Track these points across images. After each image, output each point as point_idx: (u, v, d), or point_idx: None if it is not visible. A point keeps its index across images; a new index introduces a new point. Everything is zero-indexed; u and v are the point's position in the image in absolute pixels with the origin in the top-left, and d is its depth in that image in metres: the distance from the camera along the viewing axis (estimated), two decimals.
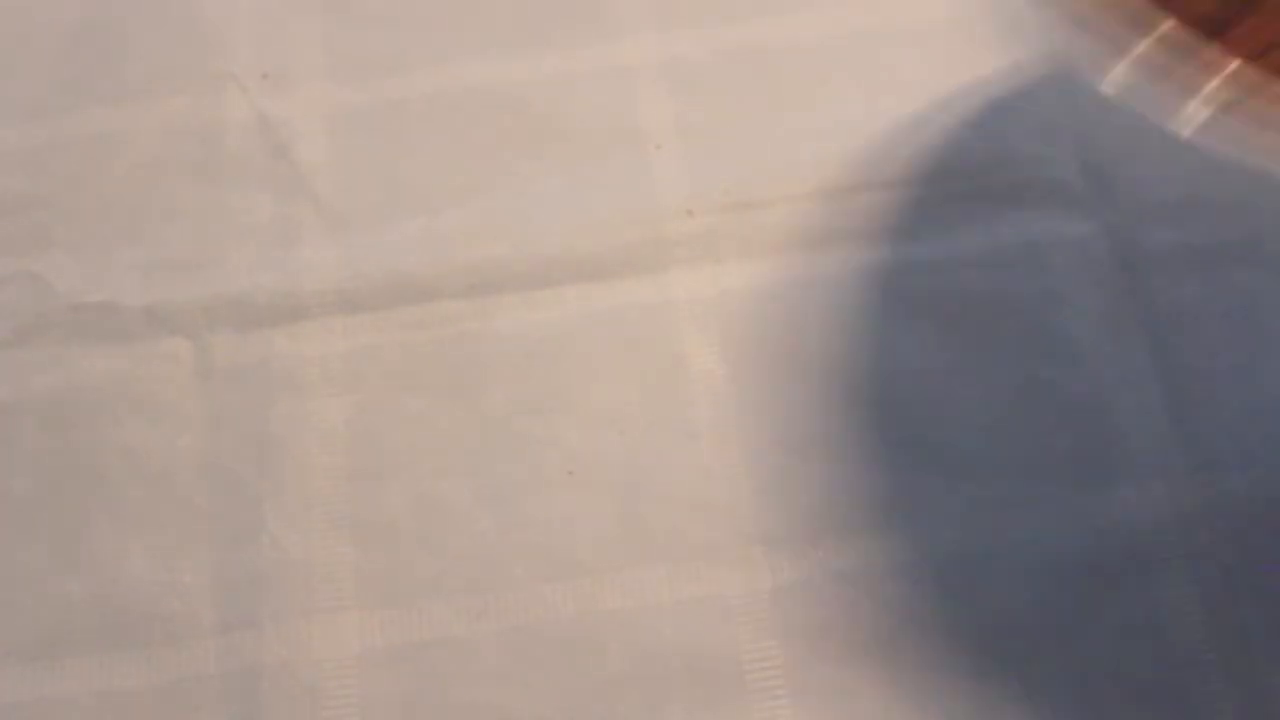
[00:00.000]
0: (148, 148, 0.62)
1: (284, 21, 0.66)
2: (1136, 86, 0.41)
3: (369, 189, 0.61)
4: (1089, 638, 0.47)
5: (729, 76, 0.62)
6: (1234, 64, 0.40)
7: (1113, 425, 0.51)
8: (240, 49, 0.65)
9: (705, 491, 0.51)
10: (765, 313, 0.55)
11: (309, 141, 0.62)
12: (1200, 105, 0.40)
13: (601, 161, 0.59)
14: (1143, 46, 0.40)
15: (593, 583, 0.49)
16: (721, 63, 0.62)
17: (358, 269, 0.58)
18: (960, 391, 0.52)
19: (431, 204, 0.59)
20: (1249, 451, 0.51)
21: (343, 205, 0.60)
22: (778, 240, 0.57)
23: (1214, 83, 0.40)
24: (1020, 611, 0.48)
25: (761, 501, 0.51)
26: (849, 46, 0.62)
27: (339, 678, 0.49)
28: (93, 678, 0.49)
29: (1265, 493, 0.50)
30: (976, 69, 0.60)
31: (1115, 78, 0.41)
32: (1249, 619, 0.48)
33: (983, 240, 0.56)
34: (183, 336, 0.57)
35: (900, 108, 0.59)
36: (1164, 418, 0.51)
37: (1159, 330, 0.53)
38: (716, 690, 0.47)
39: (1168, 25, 0.40)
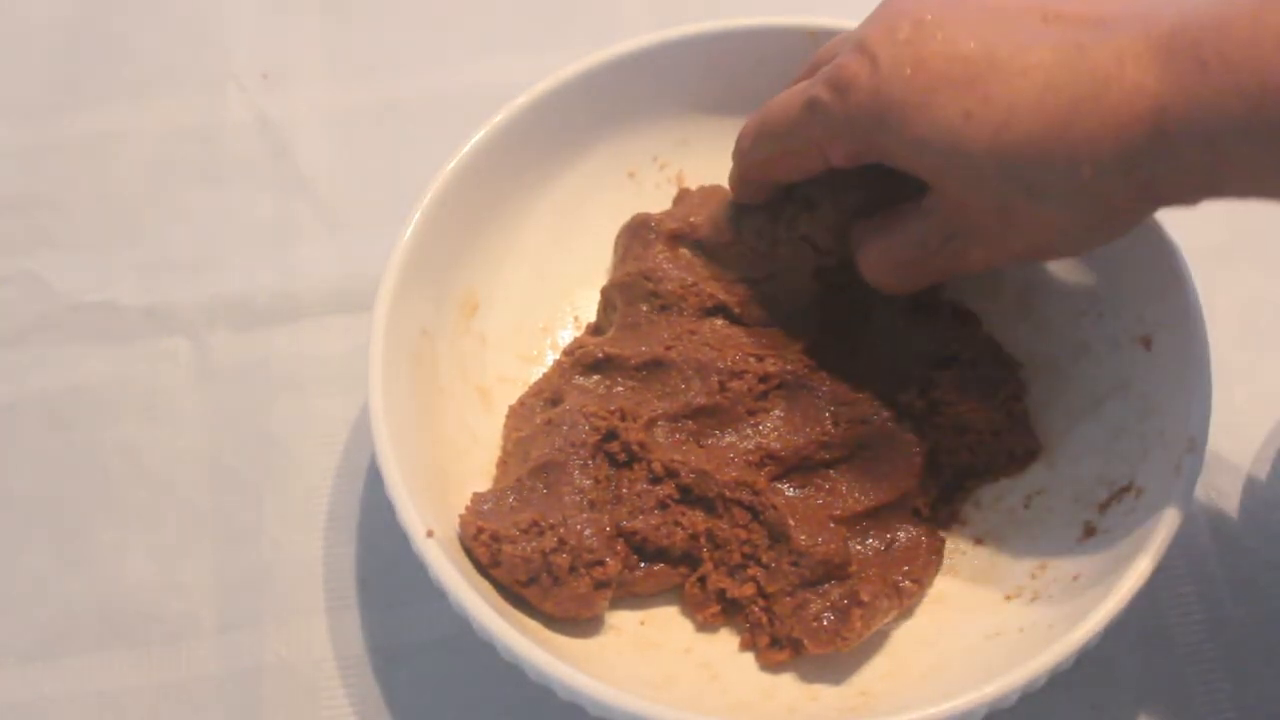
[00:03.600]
0: (148, 148, 0.62)
1: (284, 21, 0.66)
2: None
3: (369, 189, 0.61)
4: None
5: None
6: None
7: None
8: (240, 49, 0.65)
9: None
10: None
11: (309, 141, 0.62)
12: None
13: None
14: None
15: None
16: None
17: (357, 269, 0.58)
18: None
19: None
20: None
21: (343, 205, 0.60)
22: None
23: None
24: None
25: None
26: None
27: (339, 677, 0.48)
28: (93, 678, 0.49)
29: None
30: None
31: None
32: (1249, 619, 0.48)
33: None
34: (183, 336, 0.57)
35: None
36: None
37: None
38: None
39: None
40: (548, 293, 0.54)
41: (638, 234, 0.52)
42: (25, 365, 0.56)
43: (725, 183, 0.55)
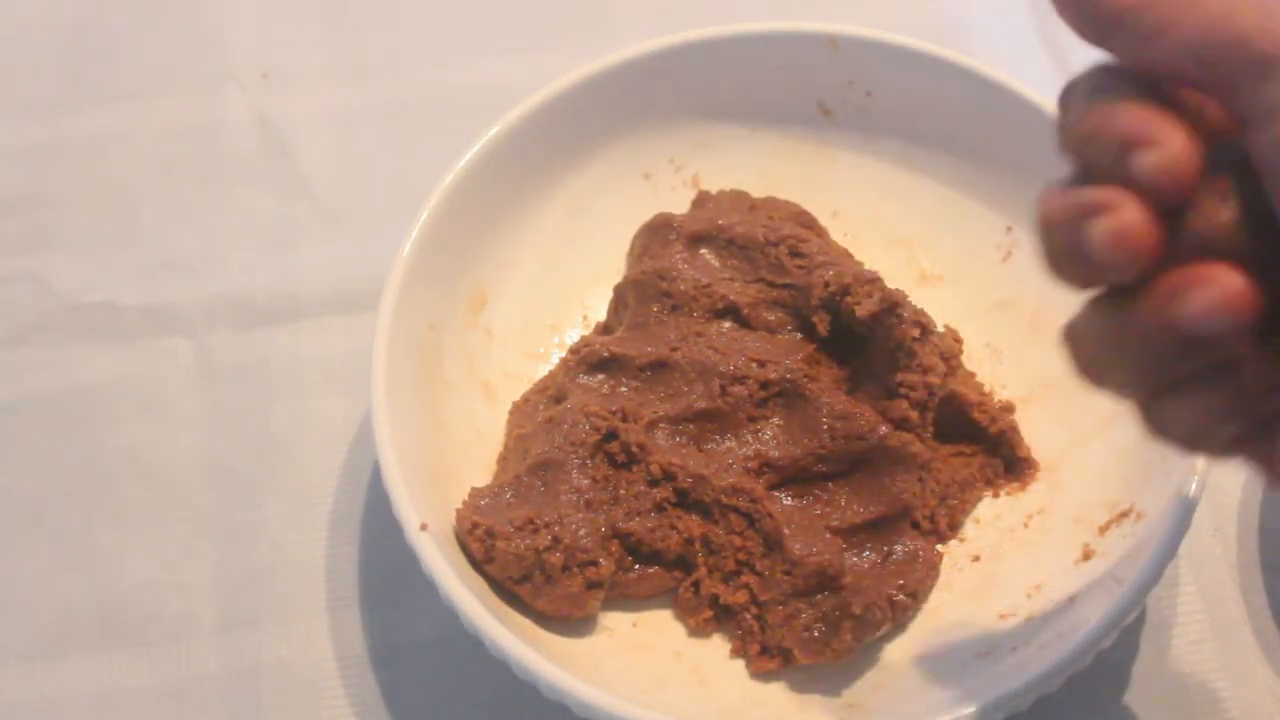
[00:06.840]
0: (148, 148, 0.62)
1: (284, 22, 0.66)
2: None
3: (369, 189, 0.61)
4: None
5: None
6: None
7: None
8: (240, 49, 0.65)
9: None
10: None
11: (309, 141, 0.62)
12: None
13: None
14: None
15: None
16: None
17: (356, 269, 0.58)
18: None
19: None
20: None
21: (343, 205, 0.60)
22: None
23: None
24: None
25: None
26: None
27: (339, 677, 0.49)
28: (93, 678, 0.49)
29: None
30: None
31: None
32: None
33: None
34: (183, 336, 0.57)
35: None
36: None
37: None
38: None
39: None
40: (558, 290, 0.54)
41: (658, 233, 0.52)
42: (25, 365, 0.56)
43: (743, 186, 0.55)
